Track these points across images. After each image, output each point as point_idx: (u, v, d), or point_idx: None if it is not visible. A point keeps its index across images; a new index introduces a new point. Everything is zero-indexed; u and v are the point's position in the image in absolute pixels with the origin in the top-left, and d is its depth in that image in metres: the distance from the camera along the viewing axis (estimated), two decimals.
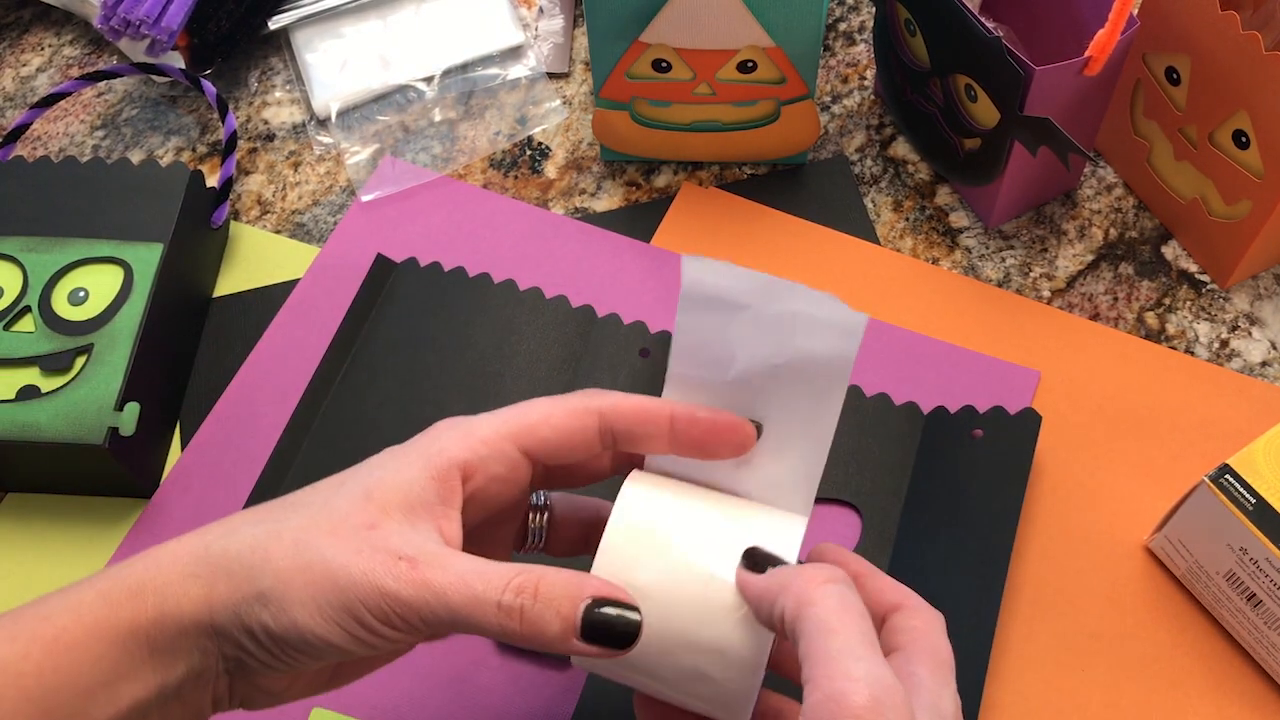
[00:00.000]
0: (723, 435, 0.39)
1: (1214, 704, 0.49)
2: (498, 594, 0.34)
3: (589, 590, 0.36)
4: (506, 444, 0.38)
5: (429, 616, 0.35)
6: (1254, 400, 0.56)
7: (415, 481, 0.37)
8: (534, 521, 0.43)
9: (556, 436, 0.39)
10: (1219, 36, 0.53)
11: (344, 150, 0.67)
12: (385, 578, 0.34)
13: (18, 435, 0.52)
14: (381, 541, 0.35)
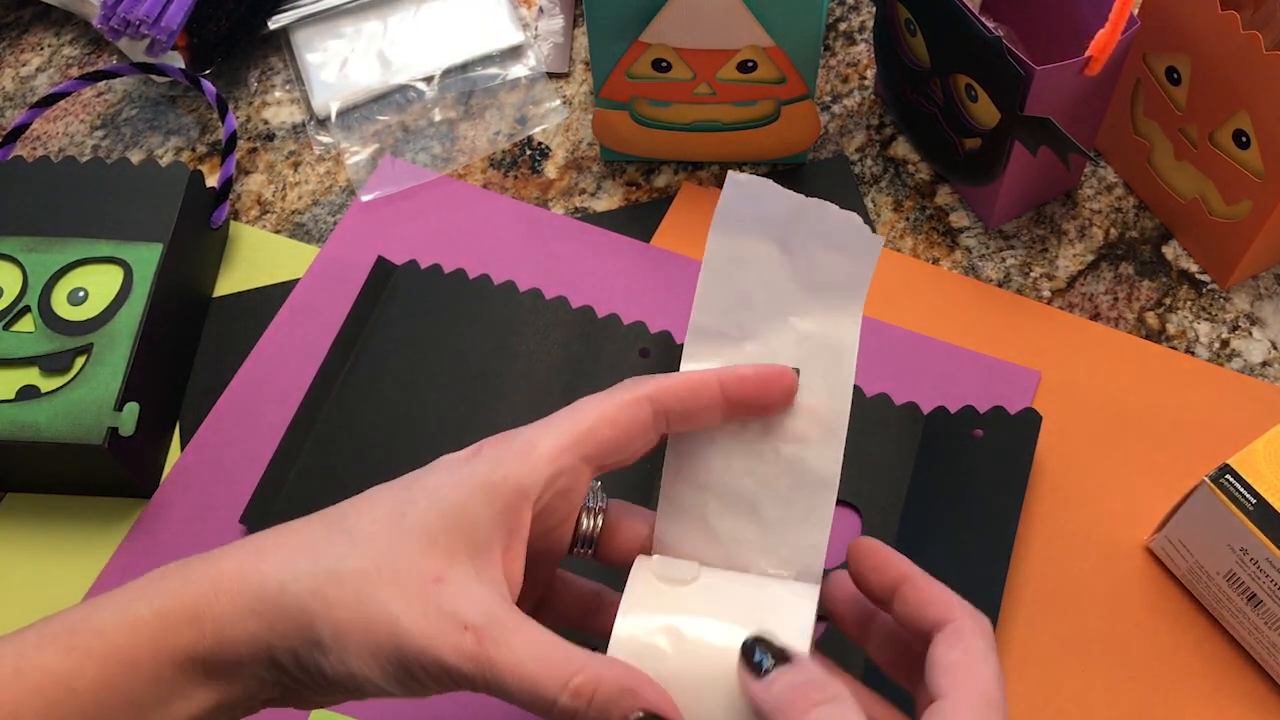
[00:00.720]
0: (771, 386, 0.39)
1: (1214, 704, 0.49)
2: (556, 692, 0.34)
3: (642, 702, 0.35)
4: (569, 457, 0.37)
5: (482, 688, 0.35)
6: (1254, 400, 0.56)
7: (481, 519, 0.36)
8: (588, 525, 0.41)
9: (616, 436, 0.38)
10: (1219, 36, 0.53)
11: (344, 150, 0.67)
12: (448, 651, 0.34)
13: (17, 435, 0.52)
14: (449, 603, 0.34)
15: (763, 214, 0.39)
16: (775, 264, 0.39)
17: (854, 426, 0.55)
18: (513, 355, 0.57)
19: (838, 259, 0.38)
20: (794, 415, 0.39)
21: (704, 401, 0.38)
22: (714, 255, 0.39)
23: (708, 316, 0.39)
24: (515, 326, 0.58)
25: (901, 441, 0.55)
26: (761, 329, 0.39)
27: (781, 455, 0.39)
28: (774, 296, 0.39)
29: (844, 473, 0.53)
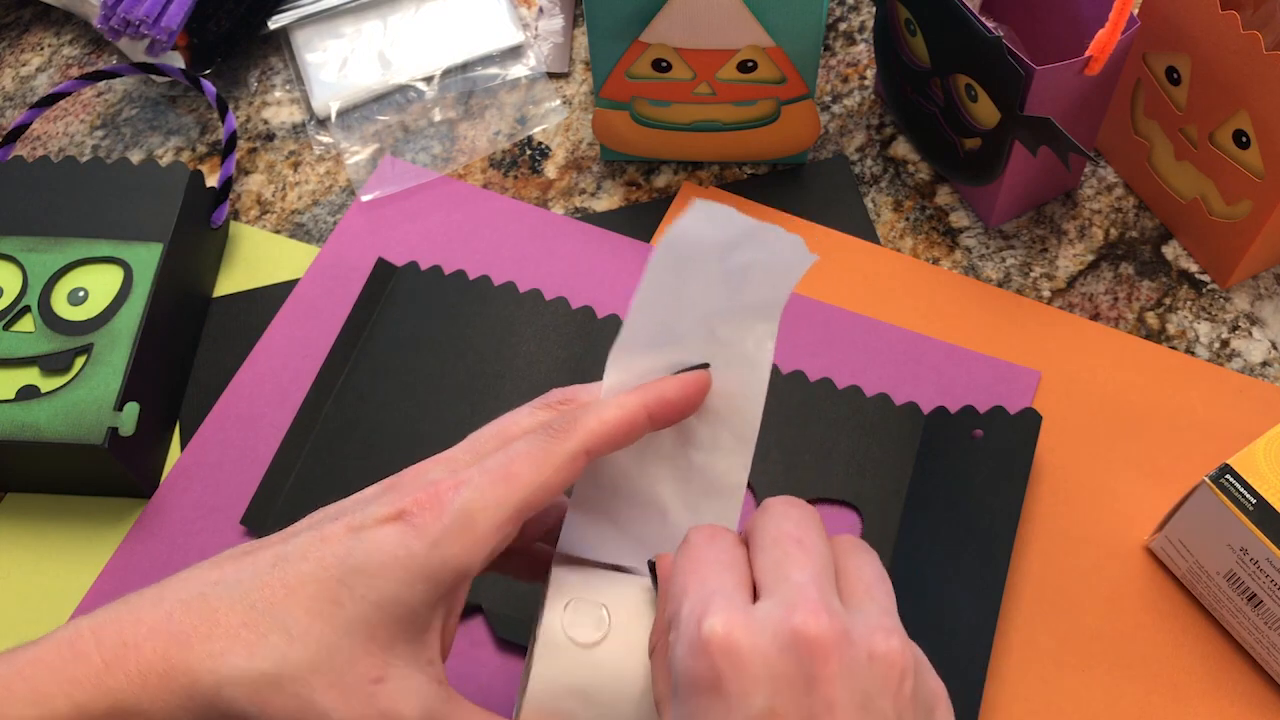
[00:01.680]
0: (690, 396, 0.38)
1: (1214, 704, 0.49)
2: None
3: None
4: (509, 526, 0.36)
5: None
6: (1254, 400, 0.56)
7: (419, 607, 0.35)
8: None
9: (551, 497, 0.37)
10: (1219, 36, 0.53)
11: (344, 150, 0.67)
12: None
13: (17, 435, 0.52)
14: (389, 704, 0.34)
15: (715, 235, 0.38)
16: (712, 276, 0.39)
17: (854, 426, 0.55)
18: (513, 356, 0.57)
19: (768, 272, 0.39)
20: (708, 422, 0.39)
21: (634, 432, 0.38)
22: (658, 266, 0.39)
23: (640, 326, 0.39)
24: (515, 327, 0.58)
25: (901, 441, 0.55)
26: (686, 336, 0.39)
27: (694, 462, 0.39)
28: (703, 305, 0.39)
29: (844, 473, 0.54)
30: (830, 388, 0.56)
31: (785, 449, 0.55)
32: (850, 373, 0.58)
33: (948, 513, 0.52)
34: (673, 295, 0.39)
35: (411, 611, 0.34)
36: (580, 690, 0.37)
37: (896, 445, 0.55)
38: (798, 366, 0.58)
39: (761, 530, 0.35)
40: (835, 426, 0.55)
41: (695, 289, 0.39)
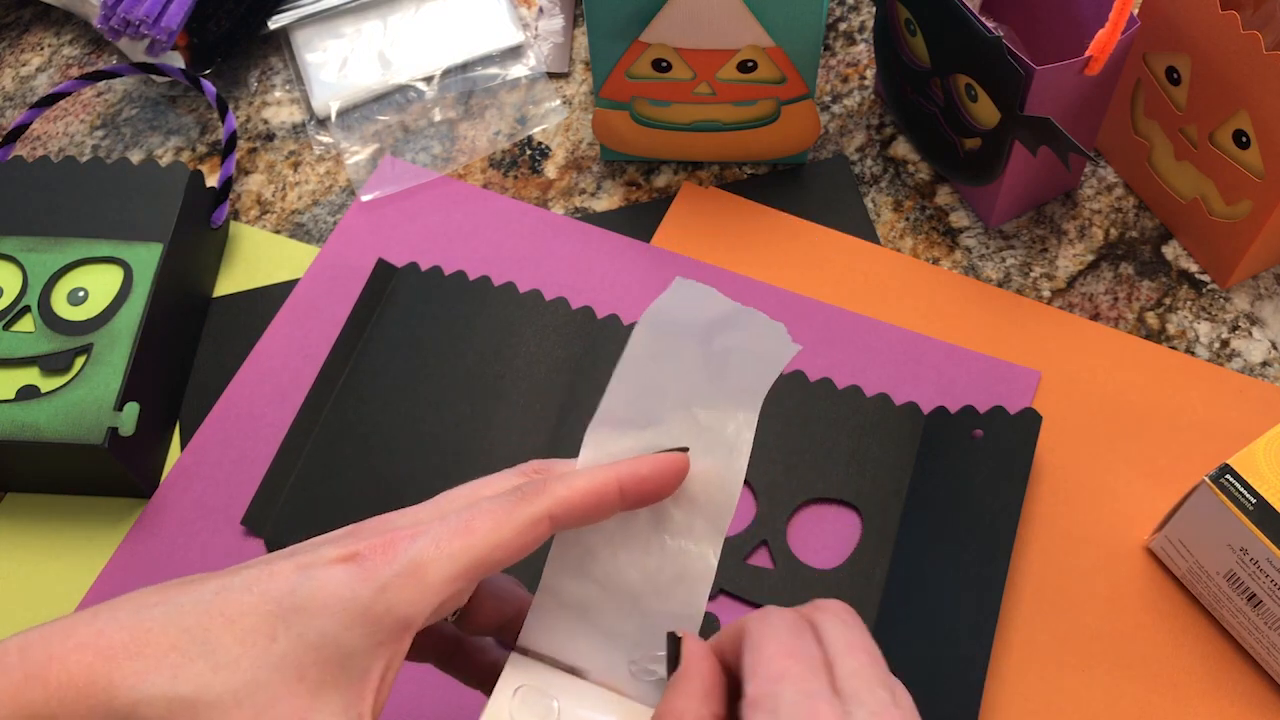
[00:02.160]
0: (669, 478, 0.38)
1: (1214, 704, 0.49)
2: None
3: None
4: (461, 582, 0.35)
5: None
6: (1254, 400, 0.56)
7: (358, 651, 0.33)
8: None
9: (512, 555, 0.36)
10: (1219, 36, 0.53)
11: (344, 150, 0.67)
12: None
13: (17, 435, 0.52)
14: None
15: (696, 314, 0.39)
16: (693, 358, 0.39)
17: (854, 426, 0.55)
18: (513, 356, 0.57)
19: (751, 359, 0.38)
20: (683, 508, 0.39)
21: (605, 506, 0.37)
22: (638, 344, 0.39)
23: (616, 403, 0.39)
24: (515, 328, 0.58)
25: (901, 441, 0.55)
26: (665, 417, 0.39)
27: (667, 547, 0.39)
28: (684, 388, 0.39)
29: (844, 473, 0.54)
30: (830, 388, 0.56)
31: (785, 449, 0.55)
32: (850, 373, 0.58)
33: (948, 513, 0.52)
34: (653, 375, 0.39)
35: (347, 655, 0.33)
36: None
37: (896, 445, 0.55)
38: (798, 366, 0.58)
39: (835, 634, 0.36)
40: (835, 426, 0.55)
41: (676, 370, 0.39)
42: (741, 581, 0.52)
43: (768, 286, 0.61)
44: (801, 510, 0.54)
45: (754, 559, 0.52)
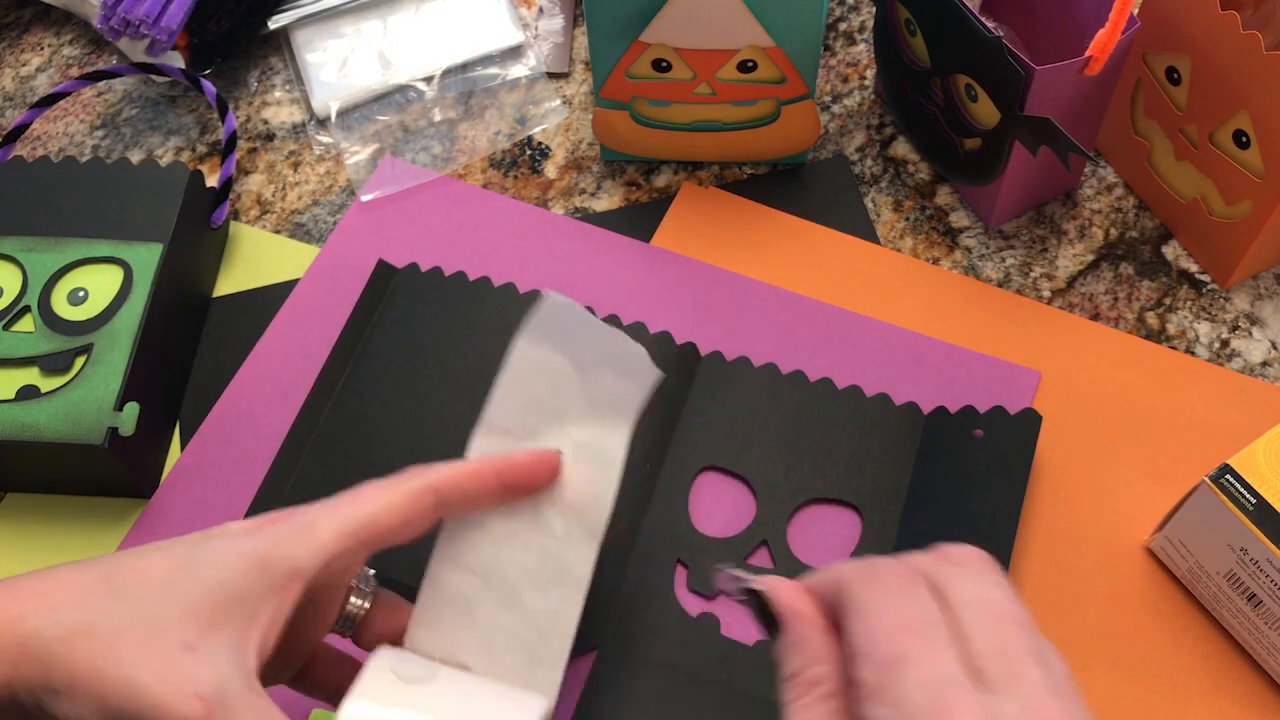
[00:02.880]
0: (541, 468, 0.42)
1: (1214, 704, 0.49)
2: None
3: None
4: (348, 542, 0.38)
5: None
6: (1254, 400, 0.56)
7: (250, 593, 0.37)
8: (354, 605, 0.43)
9: (396, 524, 0.39)
10: (1219, 36, 0.53)
11: (344, 150, 0.67)
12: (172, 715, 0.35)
13: (17, 435, 0.52)
14: (190, 670, 0.35)
15: (567, 333, 0.43)
16: (568, 378, 0.44)
17: (854, 426, 0.55)
18: None
19: (619, 382, 0.43)
20: (561, 514, 0.43)
21: (483, 487, 0.41)
22: (518, 362, 0.44)
23: (499, 414, 0.44)
24: (515, 328, 0.58)
25: (901, 441, 0.55)
26: (542, 432, 0.44)
27: (546, 550, 0.43)
28: (560, 405, 0.44)
29: (844, 473, 0.54)
30: (830, 388, 0.56)
31: (785, 449, 0.55)
32: (850, 373, 0.58)
33: (948, 513, 0.52)
34: (532, 390, 0.44)
35: (240, 598, 0.36)
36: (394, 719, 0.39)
37: (896, 445, 0.55)
38: (798, 366, 0.58)
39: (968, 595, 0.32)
40: (835, 426, 0.55)
41: (553, 388, 0.44)
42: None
43: (768, 286, 0.61)
44: (801, 510, 0.54)
45: (754, 559, 0.52)
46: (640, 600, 0.51)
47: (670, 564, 0.52)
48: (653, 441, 0.55)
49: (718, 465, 0.54)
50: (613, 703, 0.49)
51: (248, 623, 0.37)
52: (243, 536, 0.38)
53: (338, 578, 0.40)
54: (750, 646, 0.50)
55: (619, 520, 0.53)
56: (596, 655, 0.50)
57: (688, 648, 0.50)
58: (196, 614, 0.36)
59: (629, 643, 0.50)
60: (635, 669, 0.50)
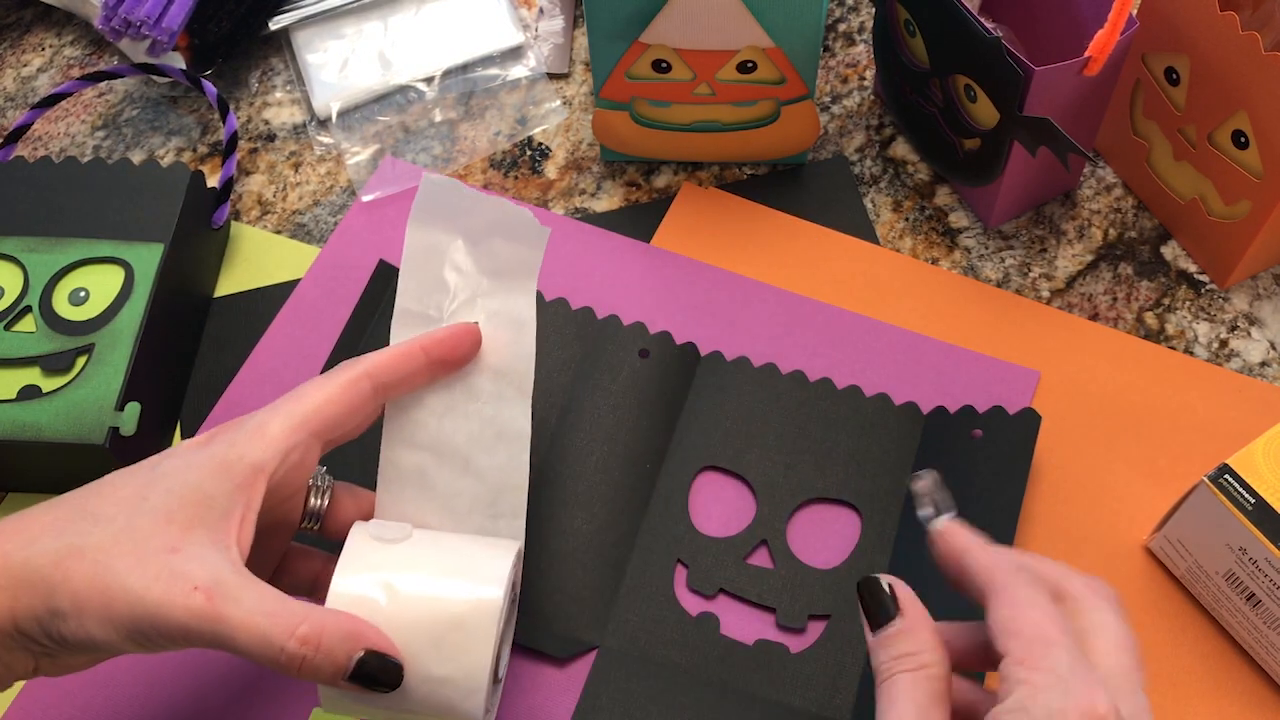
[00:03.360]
0: (463, 340, 0.45)
1: (1213, 704, 0.49)
2: (284, 639, 0.38)
3: (365, 643, 0.39)
4: (299, 434, 0.41)
5: (214, 644, 0.38)
6: (1253, 400, 0.57)
7: (218, 495, 0.39)
8: (315, 503, 0.46)
9: (340, 412, 0.43)
10: (1218, 37, 0.53)
11: (344, 150, 0.67)
12: (178, 610, 0.37)
13: (18, 435, 0.52)
14: (181, 567, 0.38)
15: (453, 211, 0.46)
16: (463, 255, 0.47)
17: (854, 426, 0.55)
18: None
19: (514, 248, 0.47)
20: (489, 379, 0.47)
21: (413, 366, 0.44)
22: (412, 247, 0.47)
23: (410, 301, 0.47)
24: None
25: (901, 441, 0.55)
26: (454, 309, 0.47)
27: (483, 414, 0.46)
28: (464, 282, 0.47)
29: (844, 472, 0.54)
30: (830, 388, 0.56)
31: (785, 449, 0.55)
32: (850, 373, 0.58)
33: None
34: (432, 273, 0.47)
35: (209, 499, 0.39)
36: (383, 579, 0.42)
37: (896, 445, 0.55)
38: (798, 366, 0.58)
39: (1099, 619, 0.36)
40: (835, 426, 0.55)
41: (451, 268, 0.47)
42: (741, 581, 0.52)
43: (768, 286, 0.61)
44: (801, 510, 0.54)
45: (754, 558, 0.53)
46: (640, 600, 0.51)
47: (670, 564, 0.52)
48: (653, 441, 0.55)
49: (718, 465, 0.55)
50: (613, 702, 0.49)
51: (222, 520, 0.39)
52: (199, 448, 0.41)
53: (296, 473, 0.42)
54: (750, 646, 0.50)
55: (619, 518, 0.53)
56: (596, 655, 0.50)
57: (688, 647, 0.50)
58: (171, 519, 0.39)
59: (629, 643, 0.50)
60: (635, 669, 0.50)
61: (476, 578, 0.43)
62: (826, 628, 0.51)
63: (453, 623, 0.41)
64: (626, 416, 0.55)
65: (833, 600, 0.51)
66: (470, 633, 0.41)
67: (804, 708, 0.49)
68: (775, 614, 0.51)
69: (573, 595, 0.51)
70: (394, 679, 0.40)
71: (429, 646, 0.41)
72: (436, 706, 0.42)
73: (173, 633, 0.37)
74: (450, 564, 0.43)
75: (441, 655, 0.41)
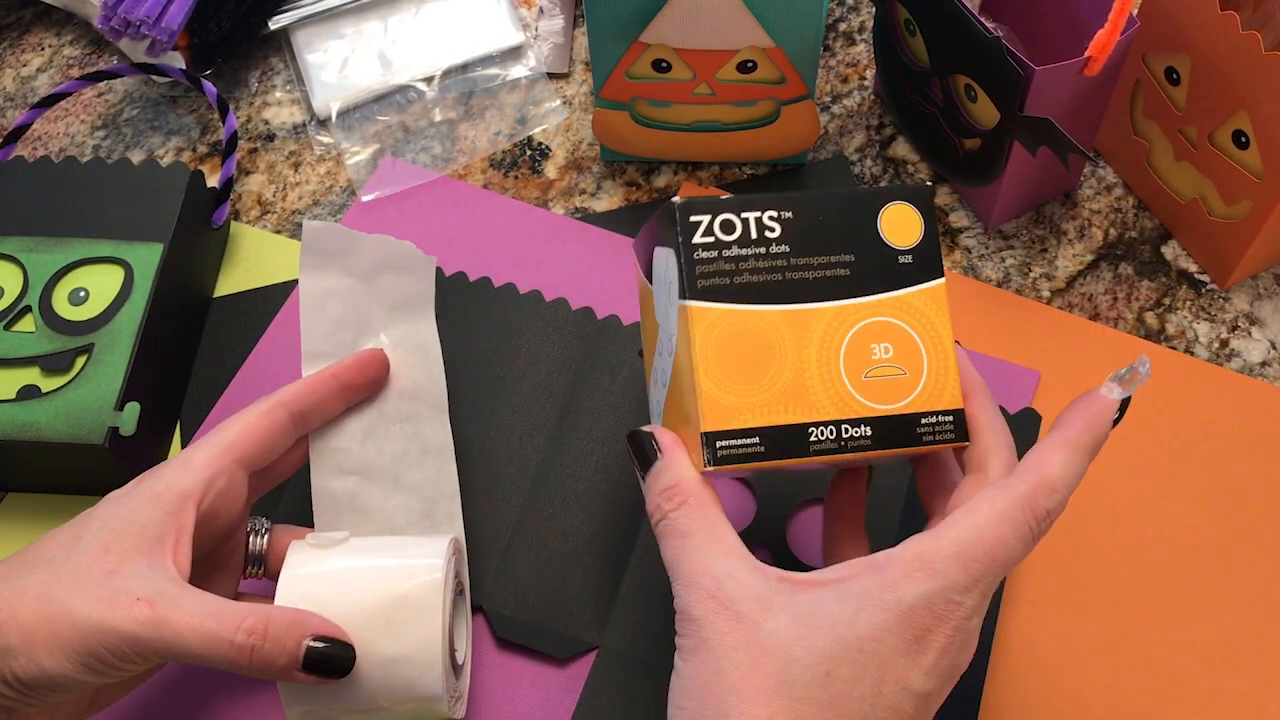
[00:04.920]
0: (370, 364, 0.49)
1: (1214, 704, 0.49)
2: (231, 634, 0.39)
3: (311, 630, 0.41)
4: (223, 461, 0.44)
5: (164, 652, 0.38)
6: (1254, 400, 0.56)
7: (150, 523, 0.41)
8: (254, 546, 0.47)
9: (260, 437, 0.45)
10: (1219, 36, 0.53)
11: (344, 150, 0.67)
12: (123, 621, 0.38)
13: (18, 435, 0.52)
14: (121, 585, 0.39)
15: (340, 253, 0.49)
16: (358, 294, 0.50)
17: None
18: (513, 357, 0.57)
19: (405, 280, 0.50)
20: (404, 401, 0.50)
21: (325, 392, 0.47)
22: (307, 293, 0.49)
23: (314, 342, 0.49)
24: (516, 329, 0.58)
25: None
26: (359, 344, 0.50)
27: (404, 432, 0.49)
28: (363, 318, 0.50)
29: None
30: None
31: None
32: None
33: None
34: (332, 314, 0.49)
35: (141, 528, 0.41)
36: (324, 573, 0.44)
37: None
38: None
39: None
40: None
41: (350, 308, 0.49)
42: None
43: None
44: (801, 510, 0.54)
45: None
46: (640, 600, 0.51)
47: None
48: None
49: None
50: (613, 702, 0.49)
51: (157, 545, 0.41)
52: (129, 489, 0.43)
53: (224, 500, 0.44)
54: None
55: (619, 518, 0.53)
56: (596, 655, 0.50)
57: None
58: (108, 550, 0.40)
59: (629, 643, 0.50)
60: (635, 669, 0.50)
61: (416, 560, 0.45)
62: None
63: (397, 600, 0.43)
64: (626, 416, 0.55)
65: None
66: (416, 607, 0.43)
67: None
68: None
69: (573, 595, 0.51)
70: (346, 661, 0.41)
71: (378, 629, 0.42)
72: (397, 690, 0.43)
73: (121, 648, 0.38)
74: (388, 554, 0.45)
75: (392, 634, 0.42)
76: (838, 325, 0.39)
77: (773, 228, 0.39)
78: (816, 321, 0.39)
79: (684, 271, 0.38)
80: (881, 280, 0.40)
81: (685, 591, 0.36)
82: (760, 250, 0.39)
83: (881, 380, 0.39)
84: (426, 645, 0.43)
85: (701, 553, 0.37)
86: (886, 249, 0.40)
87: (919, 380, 0.39)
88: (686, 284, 0.38)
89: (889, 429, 0.39)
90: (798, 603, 0.35)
